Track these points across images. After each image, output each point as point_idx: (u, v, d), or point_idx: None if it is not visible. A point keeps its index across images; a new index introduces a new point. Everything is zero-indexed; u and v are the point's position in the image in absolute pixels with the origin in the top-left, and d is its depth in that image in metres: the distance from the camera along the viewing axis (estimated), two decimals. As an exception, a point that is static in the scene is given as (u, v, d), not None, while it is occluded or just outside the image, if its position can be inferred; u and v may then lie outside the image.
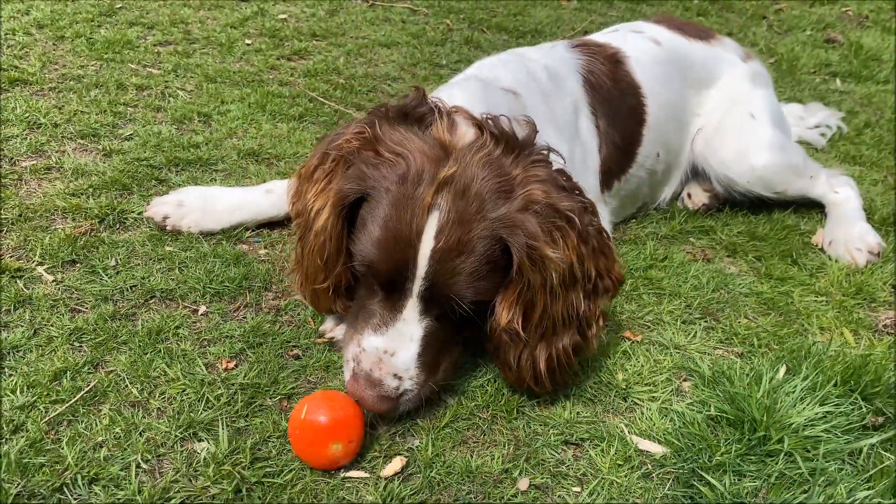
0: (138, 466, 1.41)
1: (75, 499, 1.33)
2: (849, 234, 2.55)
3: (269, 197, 2.23)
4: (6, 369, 1.60)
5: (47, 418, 1.49)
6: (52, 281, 1.89)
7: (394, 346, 1.53)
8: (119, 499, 1.33)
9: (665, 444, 1.57)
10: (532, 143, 1.65)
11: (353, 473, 1.45)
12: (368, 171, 1.54)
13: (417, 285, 1.50)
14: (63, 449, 1.41)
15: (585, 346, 1.65)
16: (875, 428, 1.65)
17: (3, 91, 2.81)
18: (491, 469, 1.48)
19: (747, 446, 1.54)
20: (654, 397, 1.72)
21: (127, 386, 1.60)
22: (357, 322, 1.60)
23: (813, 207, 2.77)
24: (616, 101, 2.40)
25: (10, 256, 1.96)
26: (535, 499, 1.43)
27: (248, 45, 3.69)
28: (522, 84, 2.07)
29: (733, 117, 2.68)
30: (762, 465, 1.51)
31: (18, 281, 1.87)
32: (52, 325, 1.74)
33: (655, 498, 1.44)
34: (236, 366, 1.70)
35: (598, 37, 2.69)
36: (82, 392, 1.56)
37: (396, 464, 1.47)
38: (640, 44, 2.62)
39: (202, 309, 1.88)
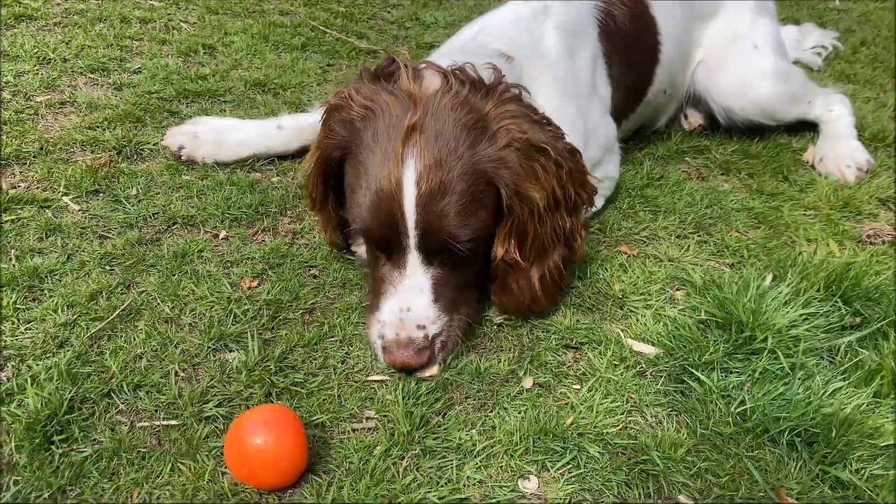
0: (176, 374, 1.54)
1: (122, 402, 1.46)
2: (839, 152, 2.64)
3: (281, 133, 2.32)
4: (46, 291, 1.72)
5: (89, 334, 1.61)
6: (79, 210, 2.00)
7: (408, 302, 1.58)
8: (162, 402, 1.47)
9: (658, 345, 1.71)
10: (499, 83, 1.66)
11: (374, 377, 1.59)
12: (344, 130, 1.61)
13: (413, 237, 1.54)
14: (107, 360, 1.54)
15: (572, 256, 1.77)
16: (853, 328, 1.78)
17: (9, 27, 2.85)
18: (498, 370, 1.62)
19: (734, 346, 1.68)
20: (648, 305, 1.84)
21: (159, 304, 1.72)
22: (372, 300, 1.66)
23: (805, 126, 2.85)
24: (634, 43, 2.39)
25: (37, 188, 2.06)
26: (538, 395, 1.57)
27: (246, -26, 3.70)
28: (521, 48, 2.02)
29: (735, 50, 2.69)
30: (747, 362, 1.65)
31: (47, 211, 1.97)
32: (83, 251, 1.85)
33: (649, 393, 1.58)
34: (259, 284, 1.82)
35: None
36: (118, 310, 1.68)
37: (413, 368, 1.61)
38: None
39: (223, 233, 1.99)
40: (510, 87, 1.66)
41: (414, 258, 1.57)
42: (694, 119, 2.85)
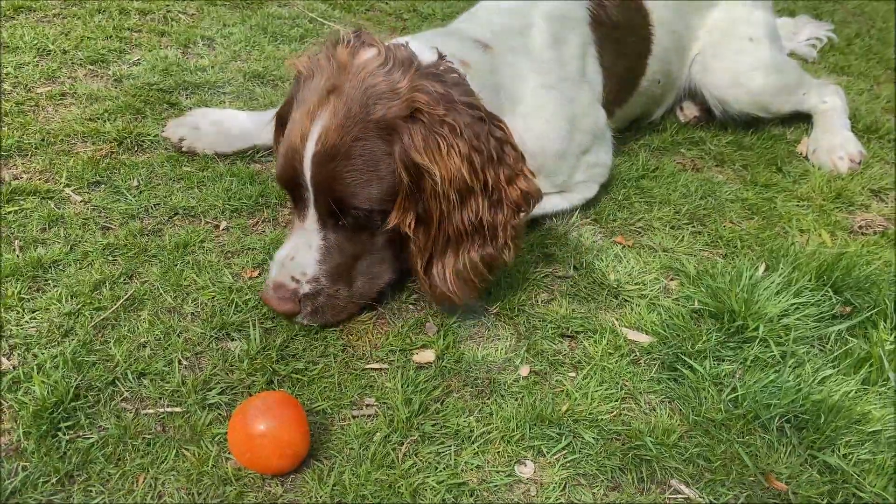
0: (180, 363, 1.57)
1: (127, 390, 1.49)
2: (832, 143, 2.67)
3: None
4: (50, 281, 1.74)
5: (93, 323, 1.64)
6: (81, 201, 2.02)
7: (294, 252, 1.66)
8: (166, 389, 1.50)
9: (652, 334, 1.74)
10: (435, 62, 1.65)
11: (373, 365, 1.62)
12: (294, 87, 1.71)
13: (311, 194, 1.60)
14: (111, 349, 1.57)
15: (496, 257, 1.65)
16: (843, 317, 1.81)
17: (9, 18, 2.86)
18: (495, 358, 1.65)
19: (726, 334, 1.71)
20: (642, 295, 1.87)
21: (161, 294, 1.74)
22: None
23: (799, 117, 2.88)
24: (625, 33, 2.41)
25: (39, 179, 2.08)
26: (534, 382, 1.60)
27: (244, -35, 3.70)
28: (504, 36, 2.04)
29: (731, 42, 2.70)
30: (739, 351, 1.68)
31: (50, 202, 1.99)
32: (86, 242, 1.88)
33: (643, 380, 1.62)
34: (260, 274, 1.84)
35: None
36: (121, 300, 1.71)
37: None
38: None
39: (223, 224, 2.01)
40: (443, 68, 1.64)
41: (312, 214, 1.64)
42: (689, 111, 2.88)
